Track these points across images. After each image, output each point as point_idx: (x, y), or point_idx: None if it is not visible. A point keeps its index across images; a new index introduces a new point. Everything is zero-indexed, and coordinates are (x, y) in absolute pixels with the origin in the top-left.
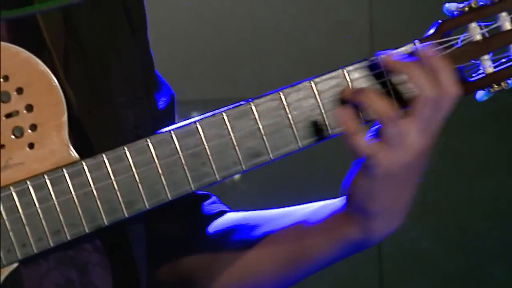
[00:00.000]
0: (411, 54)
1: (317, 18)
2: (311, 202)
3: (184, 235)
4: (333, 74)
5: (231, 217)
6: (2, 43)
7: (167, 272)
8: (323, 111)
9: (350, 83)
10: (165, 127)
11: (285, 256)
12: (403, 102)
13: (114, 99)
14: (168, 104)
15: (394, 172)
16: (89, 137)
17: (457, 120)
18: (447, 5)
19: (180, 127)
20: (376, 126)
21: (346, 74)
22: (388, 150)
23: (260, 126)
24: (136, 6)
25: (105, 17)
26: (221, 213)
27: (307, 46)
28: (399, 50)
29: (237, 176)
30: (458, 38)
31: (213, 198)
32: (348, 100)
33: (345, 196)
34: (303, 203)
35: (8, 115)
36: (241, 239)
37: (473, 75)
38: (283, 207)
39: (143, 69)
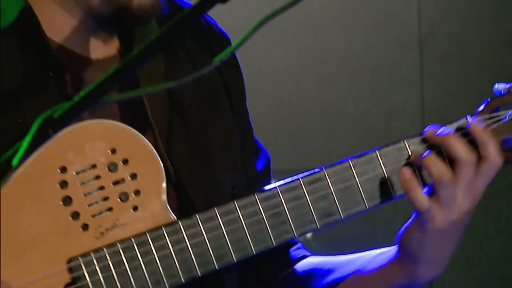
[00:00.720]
0: (460, 128)
1: (376, 101)
2: None
3: (274, 278)
4: (396, 145)
5: (309, 262)
6: (111, 121)
7: None
8: (387, 176)
9: (410, 152)
10: (263, 185)
11: None
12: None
13: (213, 164)
14: (264, 166)
15: (444, 227)
16: (191, 198)
17: (499, 186)
18: (496, 85)
19: (263, 191)
20: (429, 186)
21: (407, 145)
22: (441, 208)
23: (332, 190)
24: (235, 80)
25: (206, 92)
26: (303, 257)
27: (367, 124)
28: (453, 124)
29: (308, 235)
30: (506, 114)
31: (299, 244)
32: (412, 163)
33: (398, 245)
34: None
35: (116, 183)
36: (315, 283)
37: None
38: None
39: (241, 135)
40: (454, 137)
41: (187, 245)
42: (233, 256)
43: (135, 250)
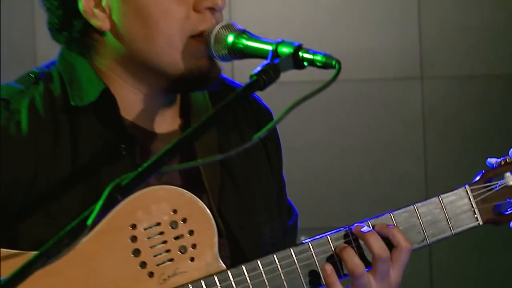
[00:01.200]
0: (373, 227)
1: (387, 171)
2: None
3: None
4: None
5: None
6: (173, 186)
7: None
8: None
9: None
10: (292, 236)
11: None
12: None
13: (257, 218)
14: (294, 221)
15: None
16: (241, 245)
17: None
18: (489, 159)
19: (297, 245)
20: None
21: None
22: None
23: (354, 245)
24: (275, 151)
25: (252, 159)
26: None
27: (380, 190)
28: (453, 192)
29: None
30: (497, 184)
31: None
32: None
33: None
34: None
35: (176, 237)
36: None
37: (508, 209)
38: None
39: (278, 195)
40: (371, 235)
41: None
42: None
43: None
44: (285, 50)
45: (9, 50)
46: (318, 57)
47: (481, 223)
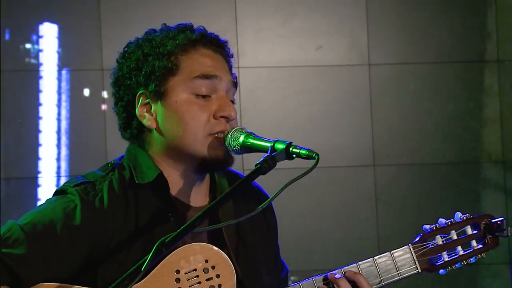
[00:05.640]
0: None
1: (348, 231)
2: None
3: None
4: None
5: None
6: (204, 243)
7: None
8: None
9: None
10: (285, 285)
11: None
12: None
13: (260, 271)
14: (285, 274)
15: None
16: None
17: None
18: (424, 226)
19: (291, 285)
20: None
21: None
22: None
23: (330, 286)
24: (272, 220)
25: (256, 227)
26: None
27: (343, 246)
28: (395, 250)
29: None
30: (430, 243)
31: None
32: None
33: None
34: None
35: (207, 279)
36: None
37: (438, 261)
38: None
39: (274, 254)
40: (342, 280)
41: None
42: None
43: None
44: (280, 146)
45: (85, 148)
46: (303, 151)
47: (420, 270)
